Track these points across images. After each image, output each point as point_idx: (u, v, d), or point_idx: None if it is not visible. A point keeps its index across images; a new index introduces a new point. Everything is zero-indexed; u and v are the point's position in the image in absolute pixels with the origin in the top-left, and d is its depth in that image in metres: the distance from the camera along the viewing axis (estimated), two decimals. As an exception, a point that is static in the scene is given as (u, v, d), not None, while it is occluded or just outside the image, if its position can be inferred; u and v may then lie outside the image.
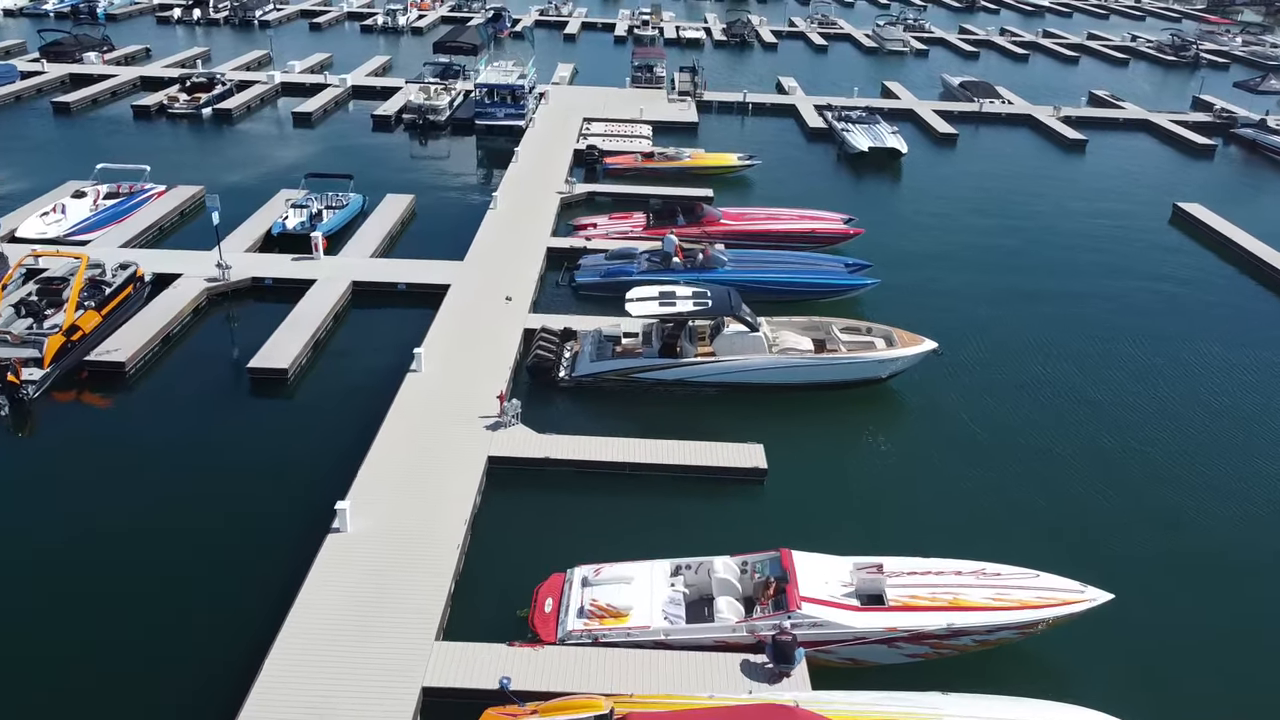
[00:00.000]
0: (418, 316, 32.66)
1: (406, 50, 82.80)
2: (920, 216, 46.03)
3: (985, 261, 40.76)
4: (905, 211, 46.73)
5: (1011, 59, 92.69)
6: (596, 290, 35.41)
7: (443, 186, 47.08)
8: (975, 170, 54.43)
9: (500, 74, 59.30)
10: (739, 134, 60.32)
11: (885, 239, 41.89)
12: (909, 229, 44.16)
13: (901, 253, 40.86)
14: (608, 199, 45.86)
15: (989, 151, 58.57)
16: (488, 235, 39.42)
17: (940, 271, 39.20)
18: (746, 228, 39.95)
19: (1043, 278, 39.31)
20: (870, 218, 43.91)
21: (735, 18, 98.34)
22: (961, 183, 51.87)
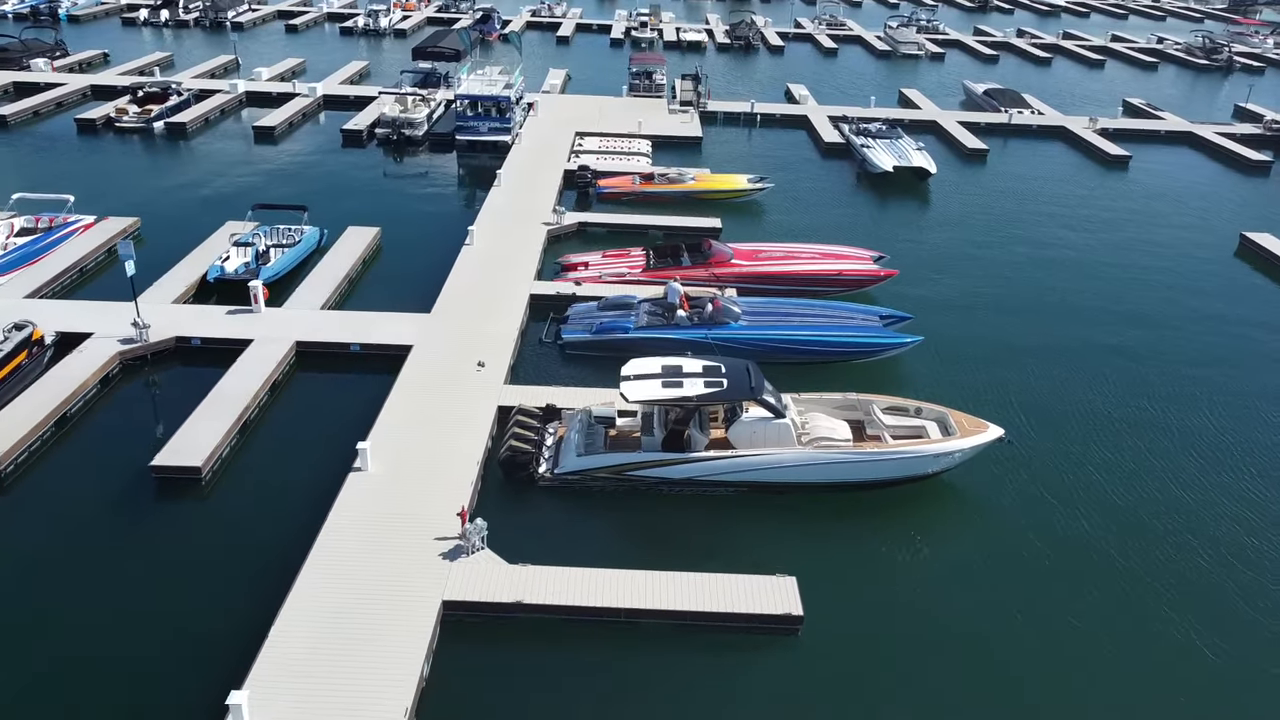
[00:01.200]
0: (372, 387, 27.19)
1: (389, 54, 77.24)
2: (957, 248, 40.51)
3: (1037, 305, 35.22)
4: (939, 243, 41.20)
5: (1033, 63, 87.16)
6: (586, 350, 29.93)
7: (414, 216, 41.49)
8: (1011, 191, 48.89)
9: (484, 83, 53.71)
10: (747, 149, 54.78)
11: (920, 277, 36.38)
12: (946, 265, 38.64)
13: (940, 296, 35.36)
14: (601, 230, 40.33)
15: (1023, 169, 53.05)
16: (462, 278, 33.87)
17: (987, 319, 33.68)
18: (762, 269, 34.40)
19: (1104, 326, 33.79)
20: (900, 251, 38.47)
21: (739, 19, 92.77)
22: (997, 206, 46.34)
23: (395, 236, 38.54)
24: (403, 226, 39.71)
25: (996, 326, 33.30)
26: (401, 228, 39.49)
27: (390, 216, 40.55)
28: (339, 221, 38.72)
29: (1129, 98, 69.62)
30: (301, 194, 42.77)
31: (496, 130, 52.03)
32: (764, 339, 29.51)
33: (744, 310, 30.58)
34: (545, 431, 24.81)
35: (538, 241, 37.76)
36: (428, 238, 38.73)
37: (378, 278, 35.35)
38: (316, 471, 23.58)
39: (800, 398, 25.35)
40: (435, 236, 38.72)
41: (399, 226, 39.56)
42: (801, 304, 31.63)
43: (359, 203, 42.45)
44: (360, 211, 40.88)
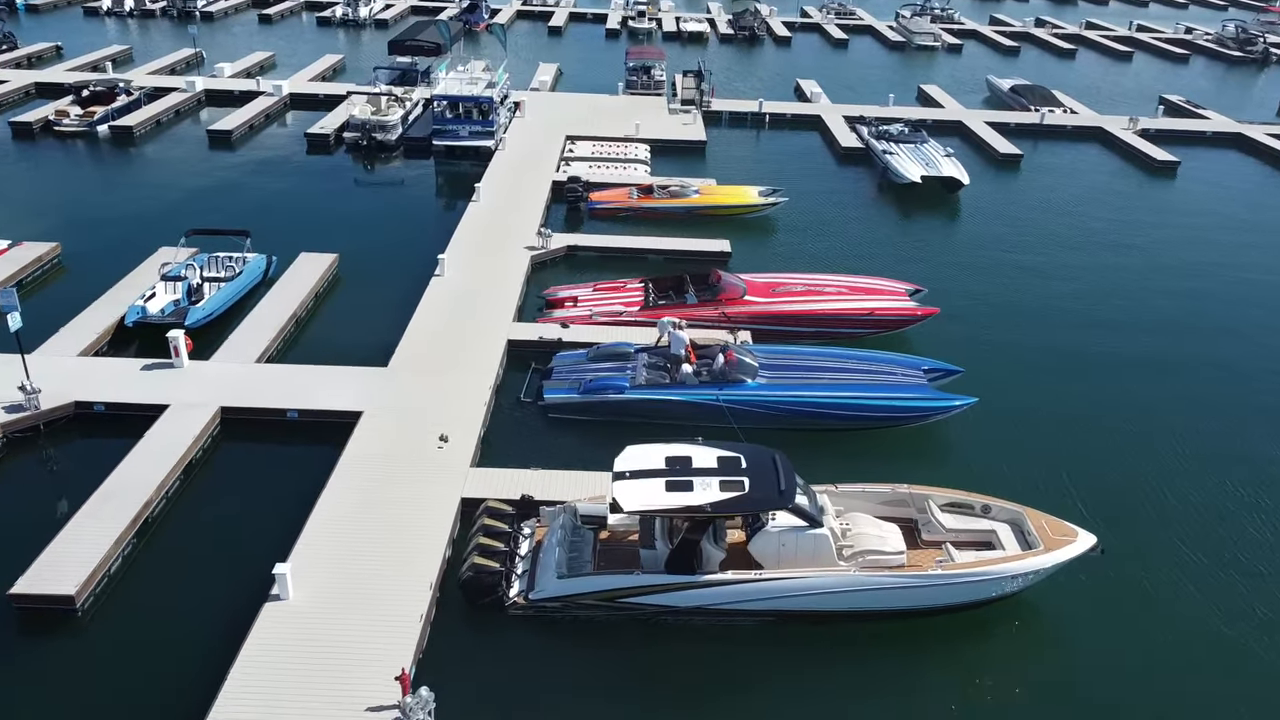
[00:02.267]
0: (310, 466, 22.22)
1: (368, 47, 71.87)
2: (999, 275, 35.41)
3: (1103, 348, 30.12)
4: (977, 267, 36.10)
5: (1056, 55, 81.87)
6: (573, 413, 24.93)
7: (380, 238, 36.28)
8: (1052, 204, 43.75)
9: (464, 82, 48.43)
10: (755, 155, 49.59)
11: (960, 311, 31.29)
12: (988, 295, 33.57)
13: (986, 338, 30.30)
14: (593, 254, 35.19)
15: (1061, 178, 47.87)
16: (428, 319, 28.79)
17: (1045, 367, 28.62)
18: (780, 308, 29.30)
19: (1187, 375, 28.78)
20: (935, 280, 33.42)
21: (743, 8, 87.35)
22: (1039, 224, 41.21)
23: (356, 264, 33.40)
24: (365, 251, 34.54)
25: (1057, 376, 28.24)
26: (364, 253, 34.33)
27: (352, 239, 35.45)
28: (293, 245, 33.65)
29: (1166, 94, 64.38)
30: (255, 210, 37.78)
31: (478, 134, 46.81)
32: (787, 402, 24.50)
33: (762, 363, 25.54)
34: (519, 534, 19.78)
35: (519, 270, 32.65)
36: (393, 266, 33.56)
37: (330, 318, 30.19)
38: (229, 592, 18.60)
39: (837, 490, 20.32)
40: (401, 264, 33.55)
41: (361, 251, 34.40)
42: (830, 354, 26.56)
43: (318, 221, 37.32)
44: (318, 232, 35.82)
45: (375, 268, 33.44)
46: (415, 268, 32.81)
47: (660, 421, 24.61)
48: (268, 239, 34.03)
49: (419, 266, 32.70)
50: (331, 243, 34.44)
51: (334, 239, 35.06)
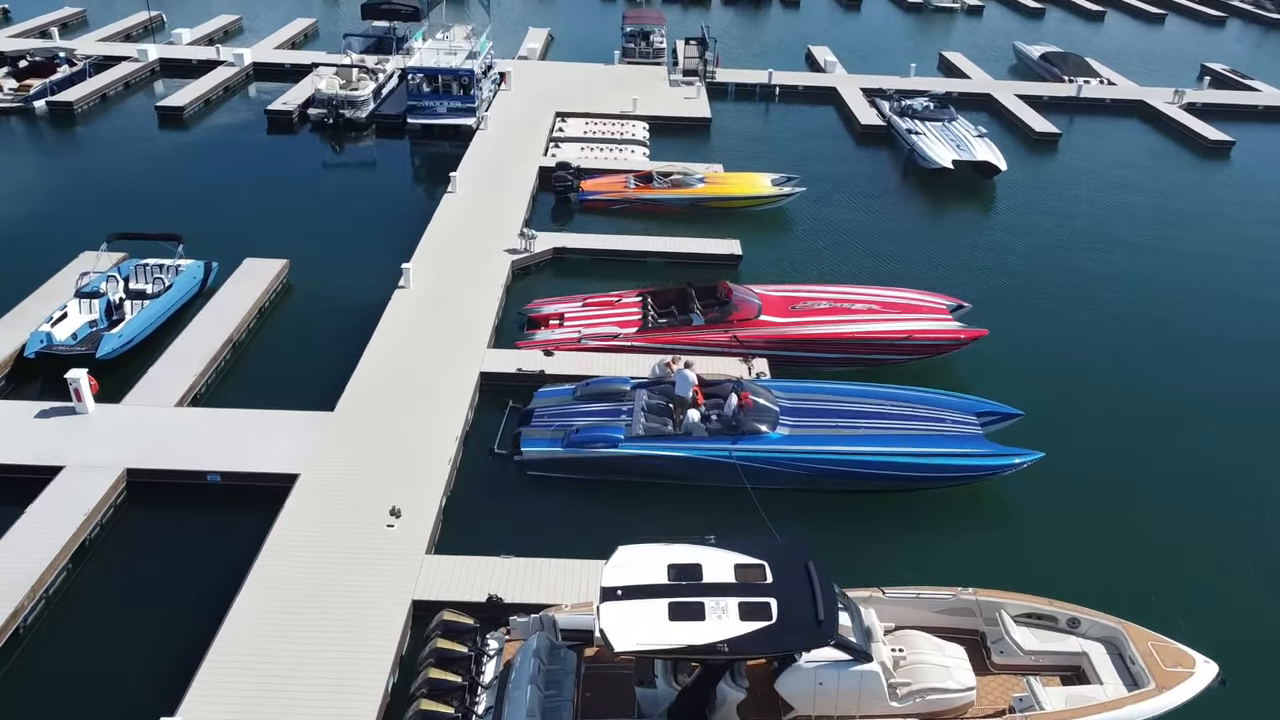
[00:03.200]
0: (231, 550, 18.10)
1: (345, 8, 66.51)
2: (1049, 283, 30.97)
3: (1188, 393, 25.87)
4: (1024, 272, 31.67)
5: (1084, 19, 76.63)
6: (557, 470, 20.72)
7: (339, 237, 31.71)
8: (1099, 192, 39.16)
9: (442, 52, 43.54)
10: (765, 134, 44.87)
11: (1009, 330, 26.93)
12: (1040, 308, 29.21)
13: (1045, 365, 26.00)
14: (583, 258, 30.73)
15: (1105, 161, 43.20)
16: (388, 345, 24.45)
17: (1120, 406, 24.34)
18: (803, 330, 24.91)
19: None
20: (976, 287, 29.34)
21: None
22: (1088, 216, 36.67)
23: (310, 270, 28.99)
24: (323, 254, 30.09)
25: (1130, 418, 23.97)
26: (321, 256, 29.88)
27: (309, 238, 31.02)
28: (238, 247, 29.27)
29: (1207, 62, 59.42)
30: (200, 202, 33.46)
31: (457, 112, 42.10)
32: (814, 459, 20.28)
33: (783, 406, 21.29)
34: (483, 653, 15.60)
35: (498, 279, 28.23)
36: (352, 272, 29.10)
37: (273, 342, 25.80)
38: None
39: (884, 597, 16.12)
40: (363, 270, 29.11)
41: (318, 254, 29.97)
42: (863, 393, 22.26)
43: (271, 217, 32.79)
44: (270, 230, 31.42)
45: (332, 275, 28.98)
46: (378, 274, 28.39)
47: (661, 480, 20.50)
48: (210, 239, 29.72)
49: (382, 272, 28.28)
50: (284, 243, 30.03)
51: (287, 239, 30.63)
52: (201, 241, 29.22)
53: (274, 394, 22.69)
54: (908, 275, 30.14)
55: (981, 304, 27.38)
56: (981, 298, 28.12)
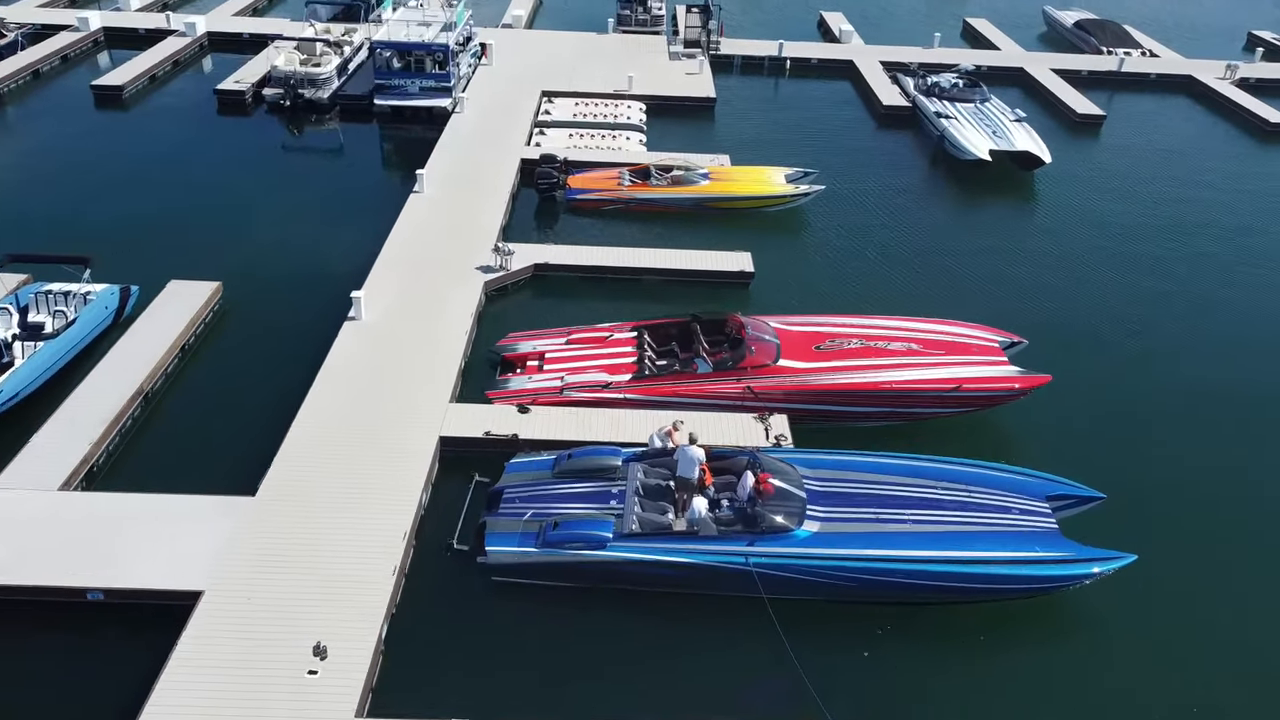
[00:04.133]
0: (113, 690, 14.08)
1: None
2: (1115, 306, 26.61)
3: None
4: (1081, 293, 27.22)
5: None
6: (529, 577, 16.65)
7: (285, 251, 27.12)
8: (1158, 188, 34.61)
9: (415, 24, 38.69)
10: (776, 116, 40.16)
11: (1070, 370, 22.70)
12: (1106, 340, 24.98)
13: (1119, 421, 21.81)
14: (569, 276, 26.38)
15: (1157, 146, 38.61)
16: (329, 400, 20.22)
17: (1230, 481, 20.28)
18: (830, 379, 20.65)
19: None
20: (1026, 311, 25.40)
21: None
22: (1149, 218, 32.17)
23: (248, 293, 24.69)
24: (264, 273, 25.73)
25: (1240, 493, 19.92)
26: (262, 275, 25.53)
27: (250, 251, 26.70)
28: (167, 264, 24.99)
29: (1255, 29, 54.54)
30: (129, 206, 28.99)
31: (431, 92, 37.45)
32: (851, 568, 16.20)
33: (811, 489, 17.18)
34: None
35: (467, 306, 23.92)
36: (298, 295, 24.79)
37: (194, 393, 21.43)
38: None
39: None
40: (309, 293, 24.80)
41: (259, 273, 25.64)
42: (907, 469, 18.12)
43: (209, 224, 28.27)
44: (207, 241, 27.08)
45: (274, 299, 24.67)
46: (327, 296, 24.21)
47: (660, 590, 16.48)
48: (135, 253, 25.71)
49: (332, 295, 24.06)
50: (221, 258, 25.89)
51: (225, 252, 26.41)
52: (124, 256, 25.08)
53: (187, 467, 18.62)
54: (945, 297, 25.97)
55: (1036, 336, 23.15)
56: (1034, 327, 23.89)
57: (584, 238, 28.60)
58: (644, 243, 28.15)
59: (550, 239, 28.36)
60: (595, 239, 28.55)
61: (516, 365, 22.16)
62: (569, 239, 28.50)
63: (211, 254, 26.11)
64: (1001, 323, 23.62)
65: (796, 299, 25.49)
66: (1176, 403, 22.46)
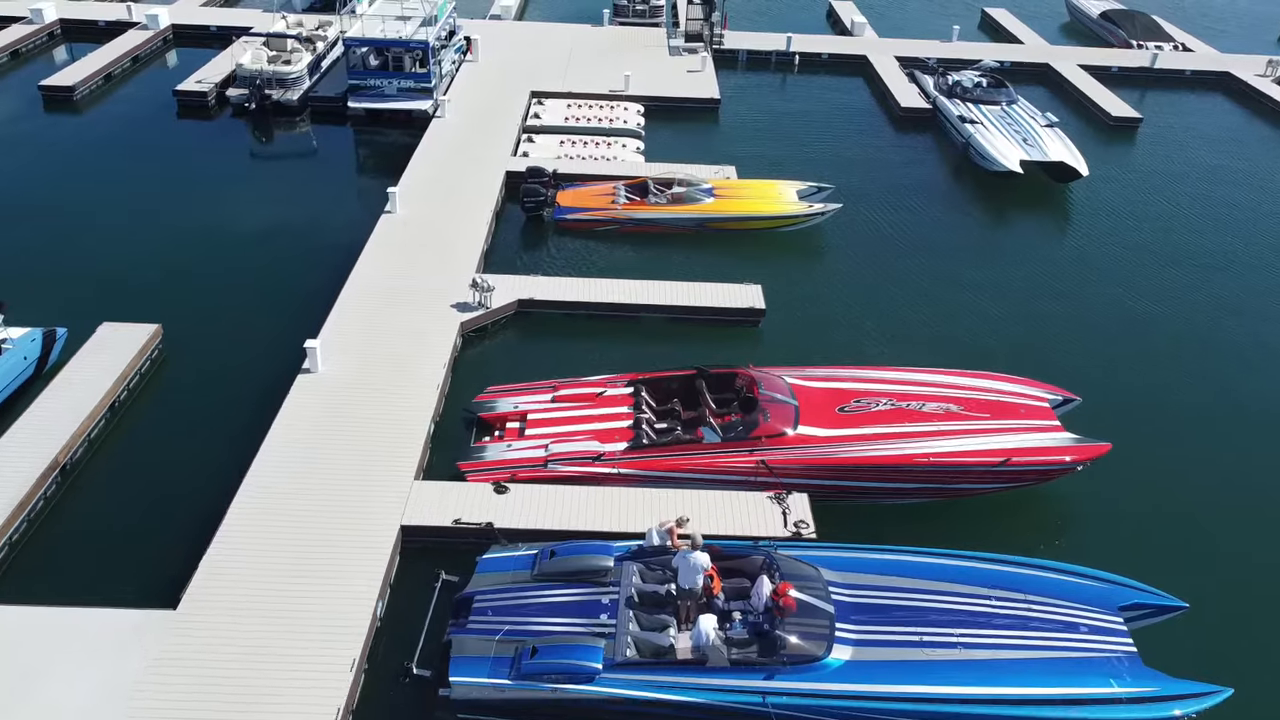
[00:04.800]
0: None
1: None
2: (1169, 351, 23.80)
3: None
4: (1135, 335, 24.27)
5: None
6: (500, 714, 13.80)
7: (234, 288, 23.99)
8: (1206, 206, 31.54)
9: (390, 20, 35.49)
10: (784, 119, 37.03)
11: (1140, 440, 19.86)
12: (1169, 394, 22.11)
13: (1200, 504, 18.98)
14: (555, 314, 23.42)
15: (1200, 153, 35.54)
16: (270, 473, 17.34)
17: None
18: (859, 451, 17.77)
19: None
20: (1075, 361, 22.30)
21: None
22: (1200, 238, 29.30)
23: (193, 336, 21.78)
24: (213, 311, 22.80)
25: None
26: (205, 319, 22.55)
27: (193, 290, 23.70)
28: (100, 305, 22.07)
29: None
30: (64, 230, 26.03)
31: (410, 93, 34.40)
32: (893, 710, 13.37)
33: (840, 602, 14.36)
34: None
35: (440, 351, 21.01)
36: (246, 342, 21.83)
37: (119, 467, 18.50)
38: None
39: None
40: (261, 337, 21.88)
41: (206, 311, 22.74)
42: (955, 571, 15.24)
43: (149, 256, 25.14)
44: (145, 277, 24.05)
45: (220, 345, 21.73)
46: (281, 342, 21.29)
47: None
48: (68, 287, 22.76)
49: (287, 338, 21.15)
50: (163, 295, 23.01)
51: (169, 287, 23.54)
52: (52, 292, 22.22)
53: (103, 568, 15.76)
54: (978, 338, 23.16)
55: (1087, 389, 20.28)
56: (1083, 378, 21.07)
57: (574, 264, 25.72)
58: (640, 269, 25.27)
59: (536, 267, 25.40)
60: (586, 265, 25.68)
61: (494, 426, 19.31)
62: (557, 266, 25.59)
63: (152, 290, 23.24)
64: (1045, 371, 20.90)
65: (813, 341, 22.64)
66: (1271, 479, 19.59)
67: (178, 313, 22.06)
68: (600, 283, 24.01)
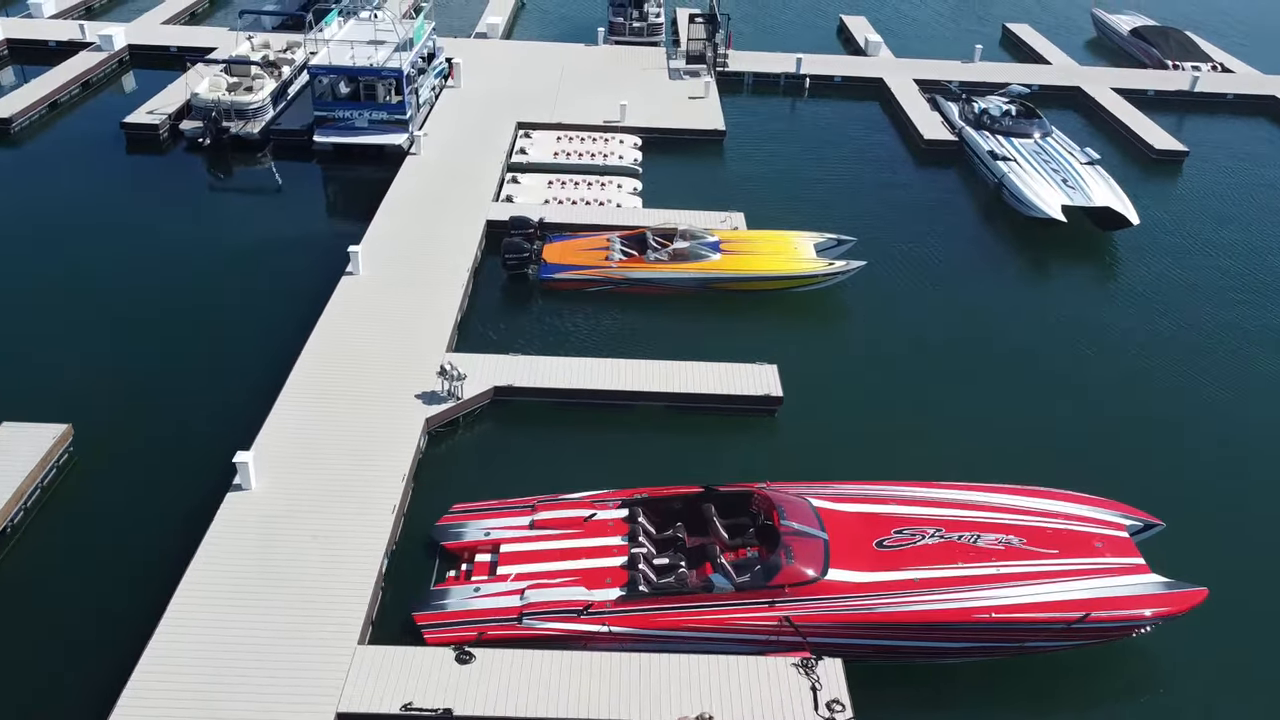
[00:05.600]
0: None
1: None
2: (1256, 456, 20.63)
3: None
4: (1222, 436, 21.17)
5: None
6: None
7: (163, 379, 20.57)
8: (1267, 254, 28.51)
9: (360, 45, 32.16)
10: (794, 152, 33.70)
11: (1236, 579, 16.64)
12: (1266, 520, 18.90)
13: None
14: (537, 404, 20.09)
15: (1258, 195, 32.21)
16: (180, 640, 14.06)
17: None
18: (904, 605, 14.47)
19: None
20: (1149, 468, 19.07)
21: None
22: (1269, 293, 26.17)
23: (105, 442, 18.46)
24: (129, 415, 19.38)
25: None
26: (124, 418, 19.21)
27: (114, 382, 20.31)
28: (8, 396, 18.79)
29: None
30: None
31: (382, 126, 31.10)
32: None
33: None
34: None
35: (399, 464, 17.65)
36: (171, 450, 18.49)
37: (15, 600, 15.33)
38: None
39: None
40: (187, 446, 18.54)
41: (122, 413, 19.37)
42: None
43: (63, 339, 21.70)
44: (55, 366, 20.67)
45: (139, 451, 18.38)
46: (213, 446, 18.00)
47: None
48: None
49: (219, 443, 17.86)
50: (77, 388, 19.72)
51: (84, 379, 20.21)
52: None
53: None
54: (1030, 435, 19.86)
55: (1170, 510, 17.03)
56: (1163, 493, 17.82)
57: (561, 334, 22.49)
58: (636, 338, 22.18)
59: (518, 337, 22.13)
60: (575, 335, 22.46)
61: (460, 558, 16.06)
62: (542, 337, 22.33)
63: (63, 383, 19.87)
64: (1115, 481, 17.65)
65: (838, 436, 19.42)
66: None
67: (93, 410, 18.86)
68: (590, 364, 20.67)
